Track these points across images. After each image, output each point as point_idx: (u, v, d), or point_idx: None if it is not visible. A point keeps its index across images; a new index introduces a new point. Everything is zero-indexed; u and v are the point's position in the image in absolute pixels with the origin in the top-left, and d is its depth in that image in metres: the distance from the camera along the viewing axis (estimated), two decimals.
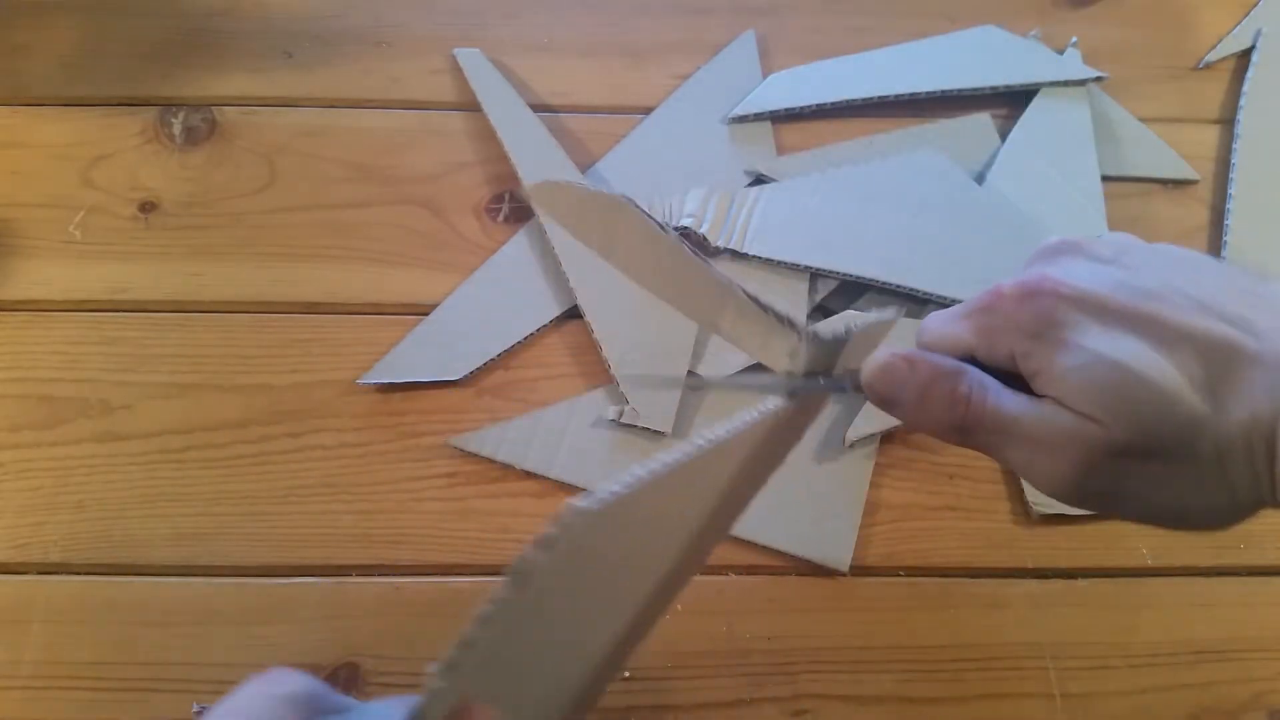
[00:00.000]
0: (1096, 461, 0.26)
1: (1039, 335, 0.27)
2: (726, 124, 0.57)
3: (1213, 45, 0.62)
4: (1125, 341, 0.26)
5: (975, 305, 0.29)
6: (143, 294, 0.51)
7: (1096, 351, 0.26)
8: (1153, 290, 0.26)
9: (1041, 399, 0.27)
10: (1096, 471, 0.26)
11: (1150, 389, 0.25)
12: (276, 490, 0.47)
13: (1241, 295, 0.26)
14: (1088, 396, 0.26)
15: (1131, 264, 0.28)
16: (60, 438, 0.47)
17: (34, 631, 0.43)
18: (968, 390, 0.28)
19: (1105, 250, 0.28)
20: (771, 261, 0.51)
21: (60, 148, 0.55)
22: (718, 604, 0.45)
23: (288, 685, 0.25)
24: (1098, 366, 0.25)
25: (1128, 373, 0.25)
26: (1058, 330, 0.26)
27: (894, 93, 0.58)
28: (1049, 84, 0.59)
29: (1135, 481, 0.26)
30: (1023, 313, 0.27)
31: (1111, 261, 0.28)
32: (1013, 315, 0.28)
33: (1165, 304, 0.26)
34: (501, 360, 0.50)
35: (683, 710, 0.43)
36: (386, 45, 0.60)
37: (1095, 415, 0.25)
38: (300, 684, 0.26)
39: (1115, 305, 0.26)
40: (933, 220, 0.52)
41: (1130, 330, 0.26)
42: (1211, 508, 0.26)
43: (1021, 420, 0.27)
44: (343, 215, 0.54)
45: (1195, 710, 0.44)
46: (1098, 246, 0.29)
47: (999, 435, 0.27)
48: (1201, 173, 0.57)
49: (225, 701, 0.25)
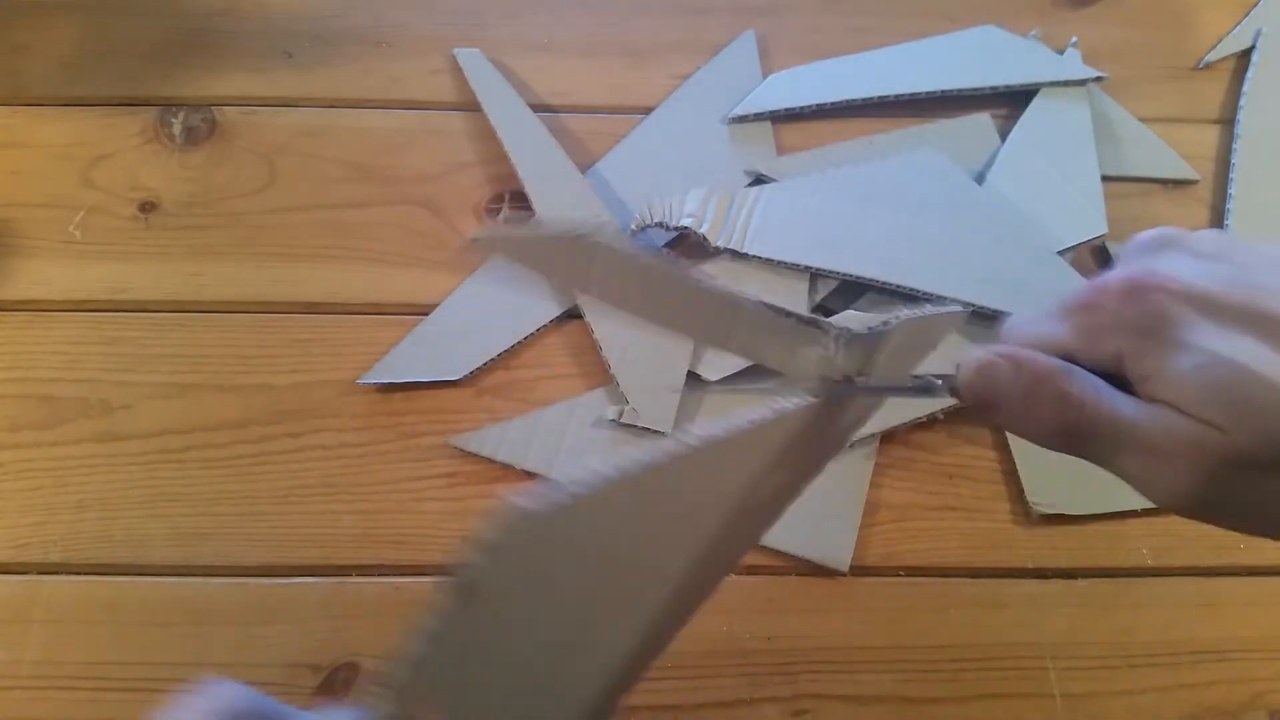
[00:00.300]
0: (1218, 472, 0.24)
1: (1150, 334, 0.25)
2: (727, 124, 0.57)
3: (1212, 45, 0.62)
4: (1243, 341, 0.24)
5: (1075, 303, 0.27)
6: (143, 294, 0.51)
7: (1214, 352, 0.24)
8: (1268, 286, 0.25)
9: (1155, 403, 0.25)
10: (1218, 482, 0.24)
11: (1275, 392, 0.23)
12: (276, 490, 0.47)
13: None
14: (1208, 401, 0.24)
15: (1239, 260, 0.26)
16: (60, 438, 0.48)
17: (34, 631, 0.43)
18: (1080, 391, 0.25)
19: (1208, 245, 0.27)
20: (771, 261, 0.51)
21: (60, 148, 0.55)
22: (718, 604, 0.45)
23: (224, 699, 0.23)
24: (1217, 368, 0.24)
25: (1250, 375, 0.23)
26: (1170, 329, 0.25)
27: (894, 93, 0.58)
28: (1049, 84, 0.59)
29: (1260, 493, 0.24)
30: (1131, 310, 0.25)
31: (1217, 257, 0.26)
32: (1119, 313, 0.26)
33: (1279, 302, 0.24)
34: (501, 360, 0.50)
35: (683, 710, 0.43)
36: (386, 45, 0.60)
37: (1217, 421, 0.23)
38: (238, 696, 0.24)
39: (1230, 302, 0.24)
40: (932, 220, 0.52)
41: (1248, 329, 0.24)
42: None
43: (1137, 426, 0.25)
44: (343, 215, 0.54)
45: (1195, 710, 0.44)
46: (1199, 241, 0.27)
47: (1112, 442, 0.25)
48: (1201, 173, 0.57)
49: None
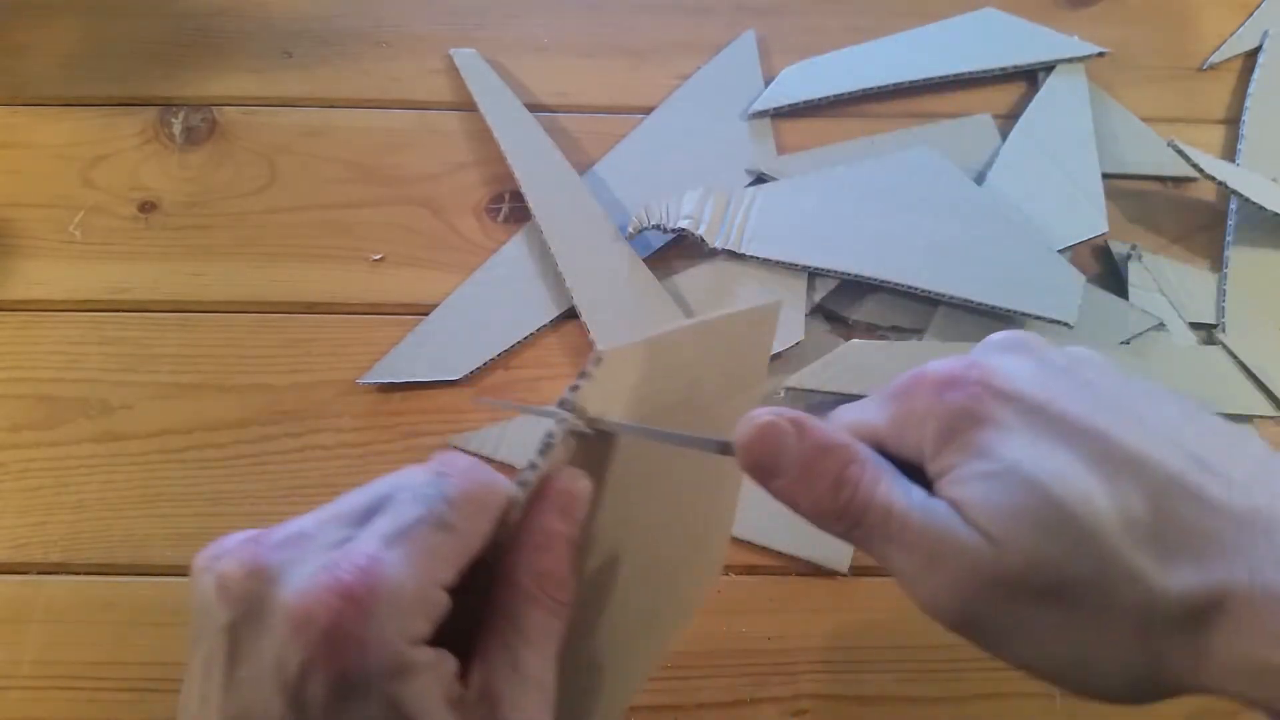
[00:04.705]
0: (980, 588, 0.22)
1: (953, 430, 0.23)
2: (739, 121, 0.58)
3: (1215, 45, 0.62)
4: (1055, 456, 0.21)
5: (896, 387, 0.25)
6: (143, 294, 0.51)
7: (1014, 461, 0.22)
8: (1105, 404, 0.22)
9: (938, 500, 0.23)
10: (978, 599, 0.22)
11: (1065, 517, 0.21)
12: (276, 490, 0.47)
13: (1217, 437, 0.22)
14: (989, 510, 0.21)
15: (1087, 377, 0.24)
16: (60, 438, 0.48)
17: (34, 631, 0.43)
18: (859, 472, 0.23)
19: (1059, 357, 0.24)
20: (769, 261, 0.51)
21: (60, 148, 0.55)
22: (718, 604, 0.45)
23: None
24: (1010, 478, 0.21)
25: (1044, 493, 0.21)
26: (977, 428, 0.23)
27: (907, 79, 0.58)
28: (1056, 61, 0.59)
29: (1025, 622, 0.22)
30: (941, 402, 0.23)
31: (1064, 370, 0.24)
32: (931, 403, 0.24)
33: (1117, 422, 0.22)
34: (501, 360, 0.50)
35: (683, 710, 0.43)
36: (386, 45, 0.60)
37: (991, 533, 0.21)
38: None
39: (1053, 412, 0.22)
40: (930, 218, 0.52)
41: (1065, 444, 0.22)
42: (1123, 676, 0.22)
43: (909, 519, 0.22)
44: (343, 215, 0.54)
45: (1195, 710, 0.44)
46: (1051, 351, 0.25)
47: (881, 531, 0.23)
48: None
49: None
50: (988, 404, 0.23)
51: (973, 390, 0.23)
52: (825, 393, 0.48)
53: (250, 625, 0.21)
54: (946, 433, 0.23)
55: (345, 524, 0.23)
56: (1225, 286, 0.53)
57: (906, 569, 0.23)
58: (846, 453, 0.24)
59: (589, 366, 0.24)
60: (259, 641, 0.21)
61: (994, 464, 0.22)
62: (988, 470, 0.22)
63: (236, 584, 0.21)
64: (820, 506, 0.24)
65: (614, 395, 0.25)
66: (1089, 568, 0.21)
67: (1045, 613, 0.21)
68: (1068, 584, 0.21)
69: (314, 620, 0.20)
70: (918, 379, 0.24)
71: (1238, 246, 0.54)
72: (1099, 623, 0.21)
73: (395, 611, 0.21)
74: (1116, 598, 0.21)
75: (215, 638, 0.21)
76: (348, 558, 0.21)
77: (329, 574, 0.21)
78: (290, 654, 0.20)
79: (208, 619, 0.22)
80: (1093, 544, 0.21)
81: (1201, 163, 0.53)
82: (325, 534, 0.23)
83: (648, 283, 0.51)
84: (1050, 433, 0.22)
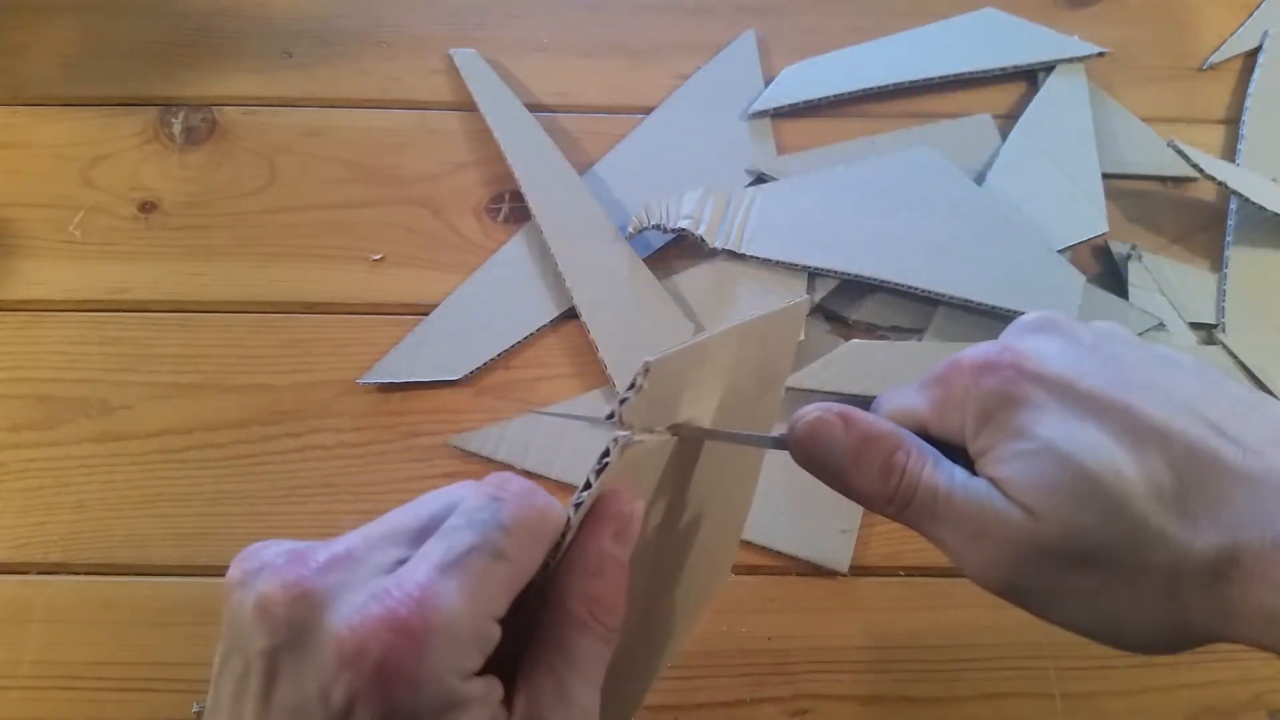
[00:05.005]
0: (1023, 558, 0.23)
1: (991, 412, 0.25)
2: (739, 121, 0.58)
3: (1215, 45, 0.62)
4: (1086, 432, 0.23)
5: (934, 375, 0.27)
6: (143, 294, 0.51)
7: (1048, 439, 0.23)
8: (1130, 380, 0.24)
9: (980, 479, 0.25)
10: (1022, 569, 0.24)
11: (1097, 489, 0.22)
12: (276, 490, 0.47)
13: (1233, 404, 0.24)
14: (1027, 486, 0.23)
15: (1112, 352, 0.25)
16: (60, 438, 0.48)
17: (34, 631, 0.43)
18: (905, 457, 0.25)
19: (1085, 334, 0.26)
20: (769, 261, 0.51)
21: (60, 148, 0.55)
22: (718, 604, 0.45)
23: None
24: (1045, 455, 0.23)
25: (1077, 467, 0.23)
26: (1012, 409, 0.24)
27: (907, 79, 0.58)
28: (1056, 61, 0.59)
29: (1066, 587, 0.24)
30: (978, 386, 0.25)
31: (1091, 346, 0.25)
32: (968, 388, 0.25)
33: (1141, 397, 0.23)
34: (501, 360, 0.50)
35: (683, 710, 0.43)
36: (386, 45, 0.60)
37: (1030, 507, 0.23)
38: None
39: (1083, 390, 0.24)
40: (930, 218, 0.52)
41: (1095, 420, 0.23)
42: (1156, 630, 0.23)
43: (954, 499, 0.24)
44: (343, 215, 0.54)
45: (1195, 710, 0.44)
46: (1079, 329, 0.26)
47: (928, 511, 0.25)
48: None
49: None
50: (1021, 386, 0.24)
51: (1007, 374, 0.25)
52: (825, 393, 0.48)
53: (293, 652, 0.20)
54: (984, 415, 0.25)
55: (396, 545, 0.22)
56: (1225, 286, 0.53)
57: (954, 544, 0.25)
58: (891, 440, 0.25)
59: (638, 378, 0.23)
60: (301, 669, 0.20)
61: (1030, 443, 0.24)
62: (1024, 449, 0.24)
63: (280, 607, 0.20)
64: (871, 491, 0.26)
65: (661, 403, 0.25)
66: (1121, 534, 0.22)
67: (1083, 577, 0.23)
68: (1102, 550, 0.23)
69: (366, 654, 0.19)
70: (955, 365, 0.26)
71: (1238, 246, 0.54)
72: (1132, 583, 0.23)
73: (449, 646, 0.20)
74: (1147, 559, 0.22)
75: (252, 660, 0.21)
76: (401, 587, 0.20)
77: (381, 605, 0.20)
78: (337, 686, 0.19)
79: (243, 639, 0.21)
80: (1124, 512, 0.22)
81: (1201, 163, 0.53)
82: (375, 556, 0.22)
83: (648, 283, 0.51)
84: (1080, 409, 0.24)
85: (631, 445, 0.23)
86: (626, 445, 0.23)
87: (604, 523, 0.24)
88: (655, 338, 0.50)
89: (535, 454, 0.47)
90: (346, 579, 0.21)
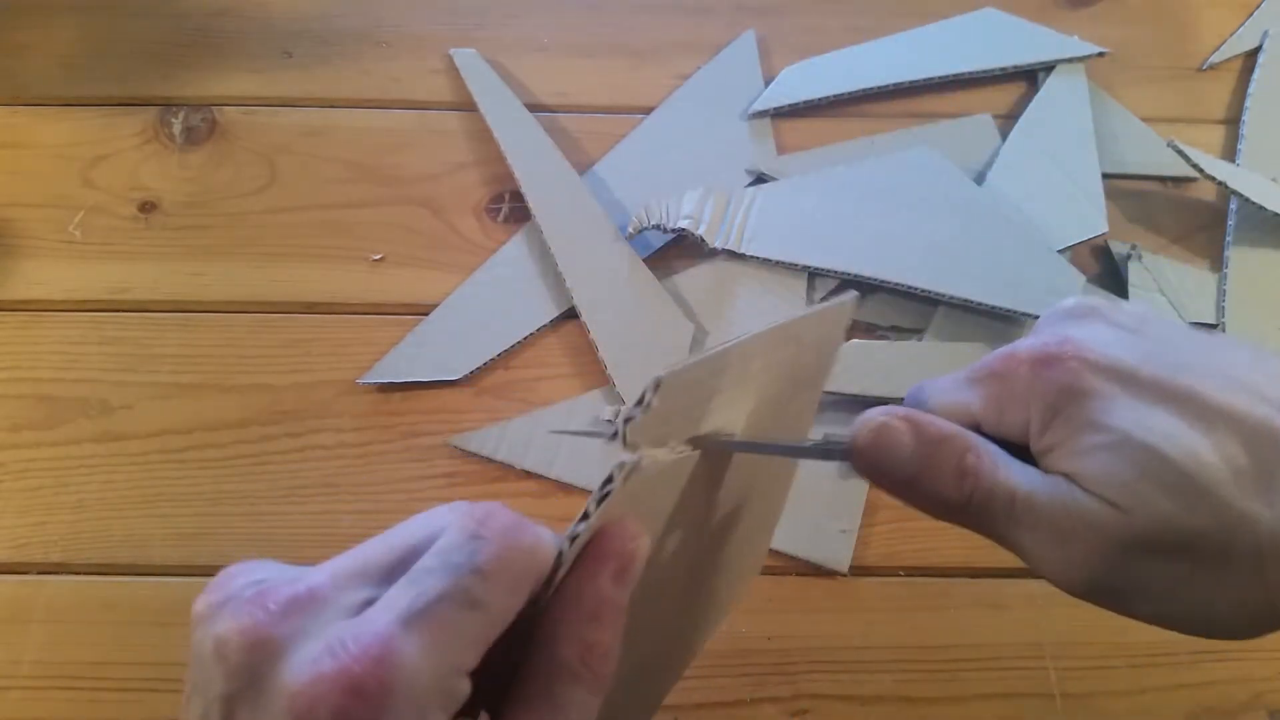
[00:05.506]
0: (1112, 554, 0.23)
1: (1060, 405, 0.24)
2: (739, 121, 0.58)
3: (1215, 45, 0.62)
4: (1158, 419, 0.23)
5: (985, 370, 0.26)
6: (143, 294, 0.51)
7: (1123, 429, 0.23)
8: (1188, 364, 0.24)
9: (1054, 477, 0.24)
10: (1111, 565, 0.23)
11: (1181, 476, 0.22)
12: (276, 490, 0.47)
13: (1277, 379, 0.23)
14: (1110, 479, 0.23)
15: (1159, 335, 0.25)
16: (60, 438, 0.47)
17: (34, 631, 0.43)
18: (975, 461, 0.24)
19: (1128, 319, 0.26)
20: (769, 261, 0.51)
21: (60, 148, 0.55)
22: None
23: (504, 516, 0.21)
24: (1123, 446, 0.23)
25: (1158, 455, 0.22)
26: (1081, 402, 0.24)
27: (907, 79, 0.58)
28: (1056, 61, 0.59)
29: (1156, 579, 0.23)
30: (1041, 380, 0.24)
31: (1136, 331, 0.25)
32: (1030, 382, 0.24)
33: (1202, 380, 0.23)
34: (501, 360, 0.50)
35: (683, 710, 0.43)
36: (386, 45, 0.60)
37: (1116, 501, 0.22)
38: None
39: (1145, 377, 0.23)
40: (929, 218, 0.52)
41: (1163, 407, 0.23)
42: (1246, 613, 0.23)
43: (1035, 500, 0.23)
44: (343, 215, 0.54)
45: (1195, 710, 0.44)
46: (1119, 314, 0.26)
47: (1006, 515, 0.24)
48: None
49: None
50: (1086, 378, 0.24)
51: (1070, 365, 0.24)
52: (824, 393, 0.48)
53: (247, 702, 0.19)
54: (1051, 410, 0.24)
55: (366, 583, 0.21)
56: (1225, 286, 0.53)
57: (1034, 548, 0.24)
58: (962, 442, 0.24)
59: (647, 393, 0.21)
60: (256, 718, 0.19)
61: (1106, 435, 0.23)
62: (1101, 442, 0.23)
63: (235, 654, 0.19)
64: (943, 498, 0.24)
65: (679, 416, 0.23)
66: (1209, 519, 0.22)
67: (1173, 567, 0.23)
68: (1191, 537, 0.22)
69: (315, 714, 0.18)
70: (1009, 360, 0.25)
71: (1238, 246, 0.54)
72: (1221, 568, 0.22)
73: (407, 707, 0.19)
74: (1234, 543, 0.22)
75: (210, 704, 0.20)
76: (358, 640, 0.19)
77: (336, 661, 0.19)
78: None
79: (204, 680, 0.20)
80: (1210, 497, 0.22)
81: (1201, 163, 0.53)
82: (341, 597, 0.21)
83: (648, 283, 0.51)
84: (1148, 398, 0.23)
85: (638, 471, 0.21)
86: (632, 472, 0.21)
87: (604, 561, 0.22)
88: (655, 338, 0.50)
89: (535, 454, 0.47)
90: (304, 626, 0.20)
